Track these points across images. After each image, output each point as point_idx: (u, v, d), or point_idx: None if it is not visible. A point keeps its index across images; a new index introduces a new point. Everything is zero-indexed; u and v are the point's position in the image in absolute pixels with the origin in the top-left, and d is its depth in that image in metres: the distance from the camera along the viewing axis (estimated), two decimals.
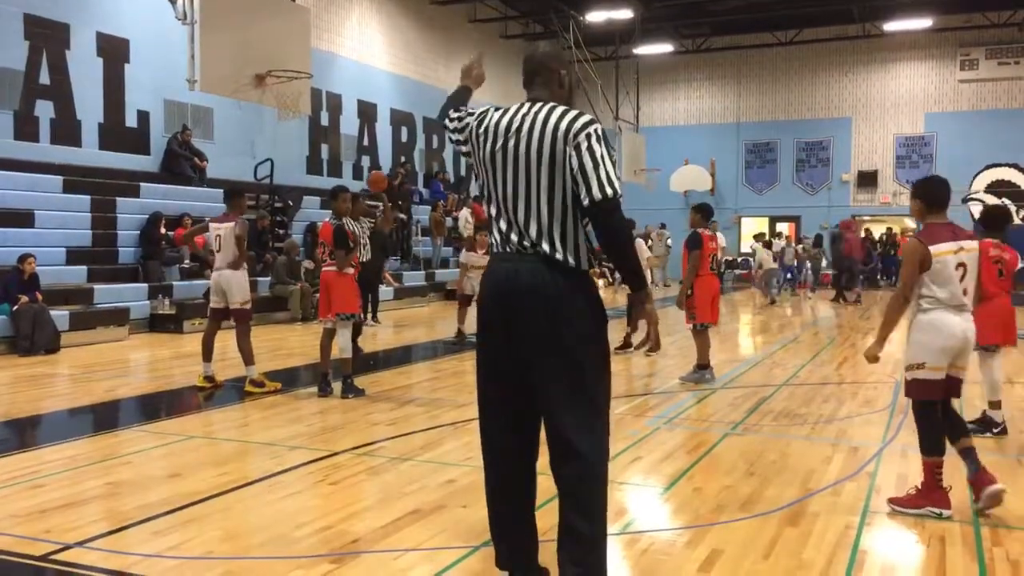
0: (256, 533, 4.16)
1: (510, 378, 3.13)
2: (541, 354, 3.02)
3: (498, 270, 3.12)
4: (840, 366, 10.04)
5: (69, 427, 6.90)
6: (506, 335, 3.08)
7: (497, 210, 3.14)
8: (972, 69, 26.67)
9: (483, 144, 3.17)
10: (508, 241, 3.10)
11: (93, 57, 14.84)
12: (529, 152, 3.04)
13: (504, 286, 3.07)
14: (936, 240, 4.42)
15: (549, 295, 3.00)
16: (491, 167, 3.13)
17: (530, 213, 3.06)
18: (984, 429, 6.29)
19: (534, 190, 3.04)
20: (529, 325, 3.02)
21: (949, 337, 4.41)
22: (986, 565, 3.81)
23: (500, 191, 3.12)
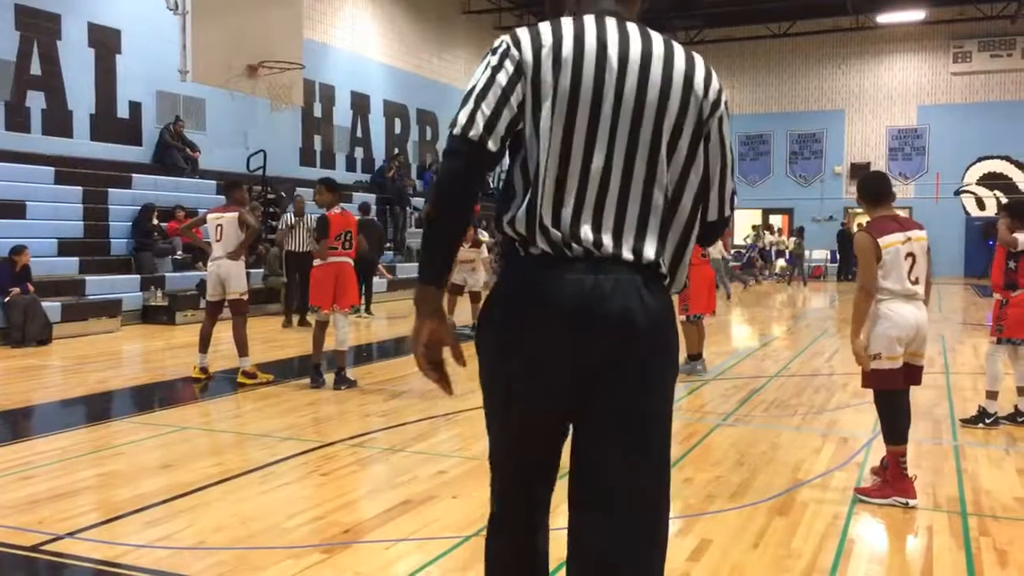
0: (248, 523, 4.17)
1: (548, 445, 2.09)
2: (628, 421, 1.96)
3: (555, 282, 1.91)
4: (831, 357, 10.08)
5: (61, 418, 6.90)
6: (571, 388, 1.95)
7: (559, 181, 1.93)
8: (965, 61, 26.72)
9: (560, 72, 1.92)
10: (574, 236, 1.93)
11: (84, 48, 14.77)
12: (651, 104, 1.95)
13: (575, 310, 1.89)
14: (884, 232, 4.53)
15: (657, 329, 1.96)
16: (578, 111, 1.92)
17: (631, 197, 1.96)
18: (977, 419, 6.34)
19: (646, 163, 1.96)
20: (625, 375, 1.93)
21: (901, 326, 4.50)
22: (973, 554, 3.84)
23: (583, 151, 1.93)
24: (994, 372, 6.35)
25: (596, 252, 1.94)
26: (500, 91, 1.93)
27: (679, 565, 3.65)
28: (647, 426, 1.99)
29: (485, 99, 1.93)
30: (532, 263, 1.96)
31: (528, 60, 1.94)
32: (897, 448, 4.54)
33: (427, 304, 1.95)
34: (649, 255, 1.99)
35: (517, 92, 1.94)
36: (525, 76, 1.94)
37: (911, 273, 4.55)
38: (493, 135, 1.92)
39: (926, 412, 6.75)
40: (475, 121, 1.91)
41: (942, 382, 8.26)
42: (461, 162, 1.92)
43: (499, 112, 1.93)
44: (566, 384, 1.96)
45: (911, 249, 4.54)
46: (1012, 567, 3.69)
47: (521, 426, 2.06)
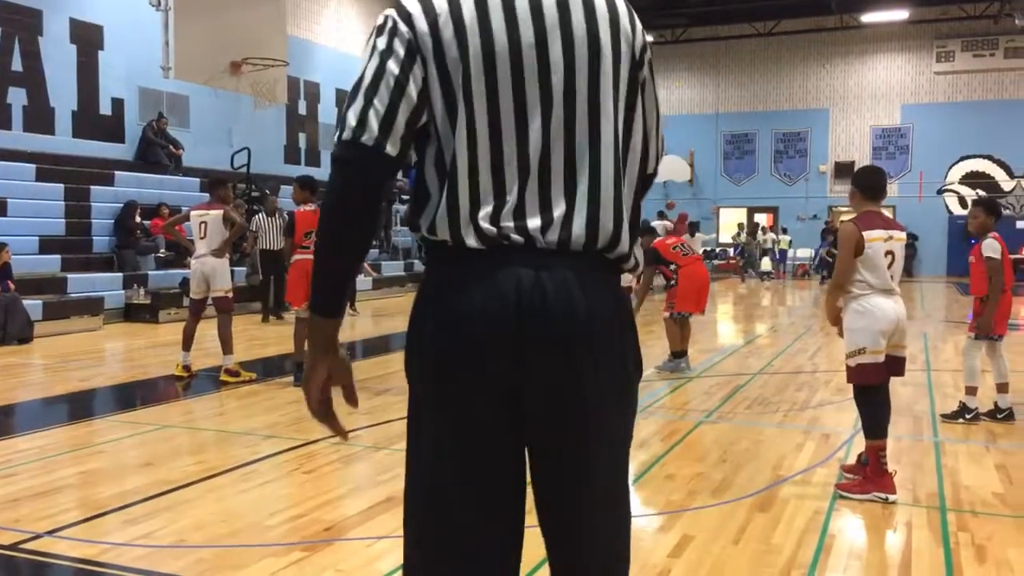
0: (229, 521, 4.15)
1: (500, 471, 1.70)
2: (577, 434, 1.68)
3: (492, 279, 1.62)
4: (814, 355, 10.13)
5: (42, 416, 6.85)
6: (506, 399, 1.64)
7: (492, 165, 1.64)
8: (948, 61, 26.90)
9: (466, 37, 1.62)
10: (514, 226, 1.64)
11: (66, 44, 14.67)
12: (581, 57, 1.66)
13: (510, 310, 1.60)
14: (869, 226, 4.61)
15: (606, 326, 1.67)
16: (498, 81, 1.63)
17: (579, 169, 1.67)
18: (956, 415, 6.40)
19: (588, 126, 1.67)
20: (564, 383, 1.64)
21: (882, 320, 4.56)
22: (951, 549, 3.87)
23: (514, 126, 1.64)
24: (971, 368, 6.41)
25: (541, 241, 1.64)
26: (393, 81, 1.61)
27: (660, 561, 3.66)
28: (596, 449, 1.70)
29: (377, 93, 1.61)
30: (460, 263, 1.65)
31: (423, 34, 1.61)
32: (877, 443, 4.57)
33: (323, 339, 1.67)
34: (607, 236, 1.68)
35: (415, 78, 1.62)
36: (423, 56, 1.62)
37: (889, 270, 4.62)
38: (391, 137, 1.61)
39: (907, 408, 6.80)
40: (367, 122, 1.60)
41: (923, 379, 8.31)
42: (354, 173, 1.62)
43: (395, 107, 1.61)
44: (505, 405, 1.64)
45: (891, 247, 4.62)
46: (990, 562, 3.72)
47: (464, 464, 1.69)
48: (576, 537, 1.74)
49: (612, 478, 1.75)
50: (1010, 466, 5.24)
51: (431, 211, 1.68)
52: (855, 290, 4.63)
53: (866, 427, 4.66)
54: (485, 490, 1.67)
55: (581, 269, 1.65)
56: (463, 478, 1.66)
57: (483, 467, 1.66)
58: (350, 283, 1.71)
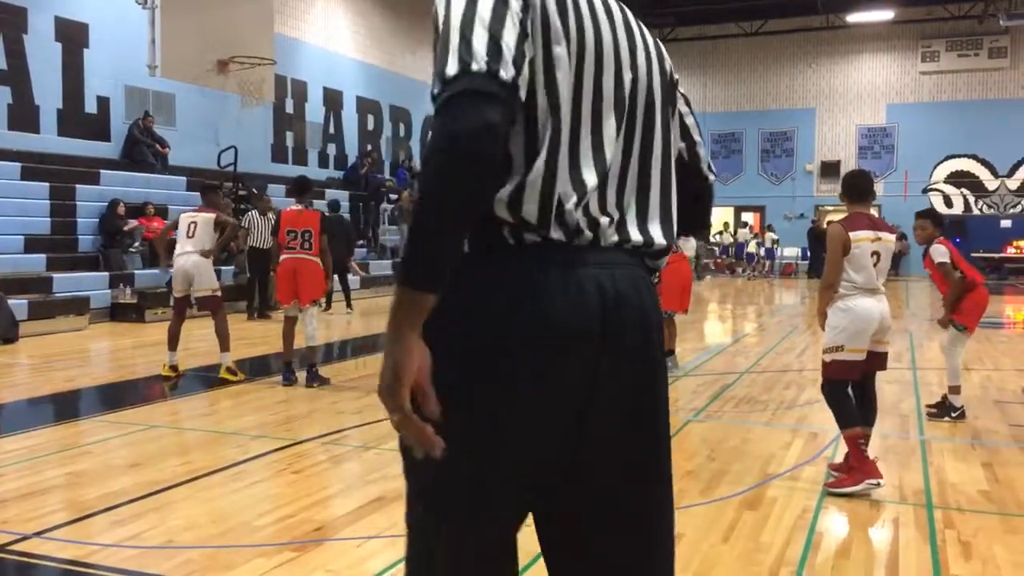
0: (218, 522, 4.14)
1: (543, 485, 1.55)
2: (643, 434, 1.59)
3: (573, 278, 1.47)
4: (801, 354, 10.18)
5: (29, 417, 6.80)
6: (583, 401, 1.49)
7: (572, 148, 1.50)
8: (933, 61, 27.07)
9: (568, 14, 1.50)
10: (589, 212, 1.51)
11: (51, 42, 14.57)
12: (642, 65, 1.63)
13: (593, 313, 1.47)
14: (856, 227, 4.72)
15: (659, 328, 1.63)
16: (585, 63, 1.51)
17: (652, 168, 1.64)
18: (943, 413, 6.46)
19: (659, 127, 1.65)
20: (639, 384, 1.56)
21: (865, 319, 4.67)
22: (938, 546, 3.90)
23: (591, 112, 1.52)
24: (954, 367, 6.47)
25: (607, 240, 1.53)
26: (517, 20, 1.40)
27: None
28: (664, 473, 1.64)
29: (504, 26, 1.37)
30: (534, 258, 1.45)
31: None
32: (854, 431, 4.65)
33: (420, 318, 1.33)
34: (661, 241, 1.63)
35: (530, 27, 1.43)
36: (534, 8, 1.45)
37: (875, 270, 4.71)
38: (522, 77, 1.38)
39: (893, 407, 6.85)
40: (502, 54, 1.34)
41: (909, 377, 8.37)
42: (485, 115, 1.30)
43: (522, 47, 1.39)
44: (568, 395, 1.48)
45: (878, 248, 4.71)
46: (976, 559, 3.75)
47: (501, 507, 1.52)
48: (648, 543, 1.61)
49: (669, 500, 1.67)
50: (996, 463, 5.28)
51: (513, 184, 1.44)
52: (841, 289, 4.74)
53: (838, 419, 4.76)
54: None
55: (639, 270, 1.59)
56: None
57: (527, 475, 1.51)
58: (458, 252, 1.37)
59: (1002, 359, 9.76)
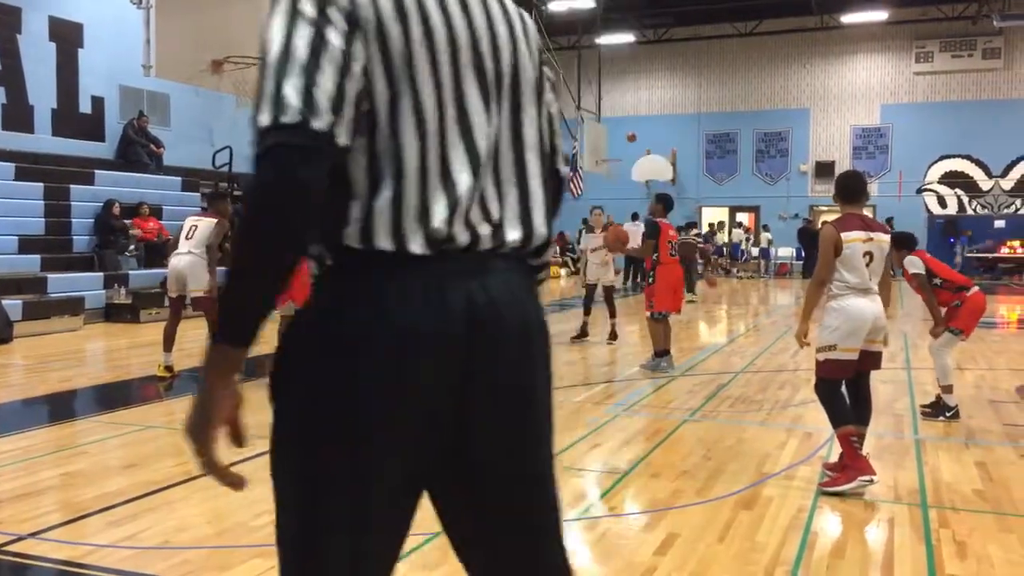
0: (214, 522, 4.14)
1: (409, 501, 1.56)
2: (525, 448, 1.58)
3: (439, 291, 1.44)
4: (796, 354, 10.18)
5: (23, 417, 6.79)
6: (454, 409, 1.48)
7: (441, 157, 1.46)
8: (927, 61, 27.11)
9: (408, 18, 1.44)
10: (455, 224, 1.46)
11: (46, 42, 14.55)
12: (504, 48, 1.57)
13: (461, 325, 1.44)
14: (847, 228, 4.75)
15: (542, 333, 1.59)
16: (432, 66, 1.46)
17: (526, 165, 1.59)
18: (937, 413, 6.48)
19: (525, 118, 1.60)
20: (517, 389, 1.53)
21: (857, 319, 4.71)
22: (933, 546, 3.91)
23: (450, 119, 1.48)
24: (943, 366, 6.50)
25: (484, 243, 1.49)
26: (340, 56, 1.34)
27: (646, 559, 3.68)
28: (545, 482, 1.63)
29: (320, 69, 1.32)
30: (397, 271, 1.42)
31: (365, 5, 1.39)
32: (847, 429, 4.67)
33: (230, 371, 1.42)
34: (540, 238, 1.60)
35: (356, 55, 1.37)
36: (365, 31, 1.38)
37: (868, 270, 4.74)
38: (342, 122, 1.33)
39: (887, 407, 6.87)
40: (315, 103, 1.29)
41: (903, 377, 8.39)
42: (299, 167, 1.29)
43: (343, 87, 1.33)
44: (436, 418, 1.48)
45: (870, 248, 4.74)
46: (971, 558, 3.76)
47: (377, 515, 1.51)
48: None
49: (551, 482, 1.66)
50: (989, 463, 5.30)
51: (361, 214, 1.41)
52: (834, 289, 4.78)
53: (831, 417, 4.78)
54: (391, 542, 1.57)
55: (520, 273, 1.56)
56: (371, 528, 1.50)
57: (390, 512, 1.52)
58: (270, 307, 1.40)
59: (996, 358, 9.79)
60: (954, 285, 6.48)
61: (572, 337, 10.86)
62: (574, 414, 6.63)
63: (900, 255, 6.38)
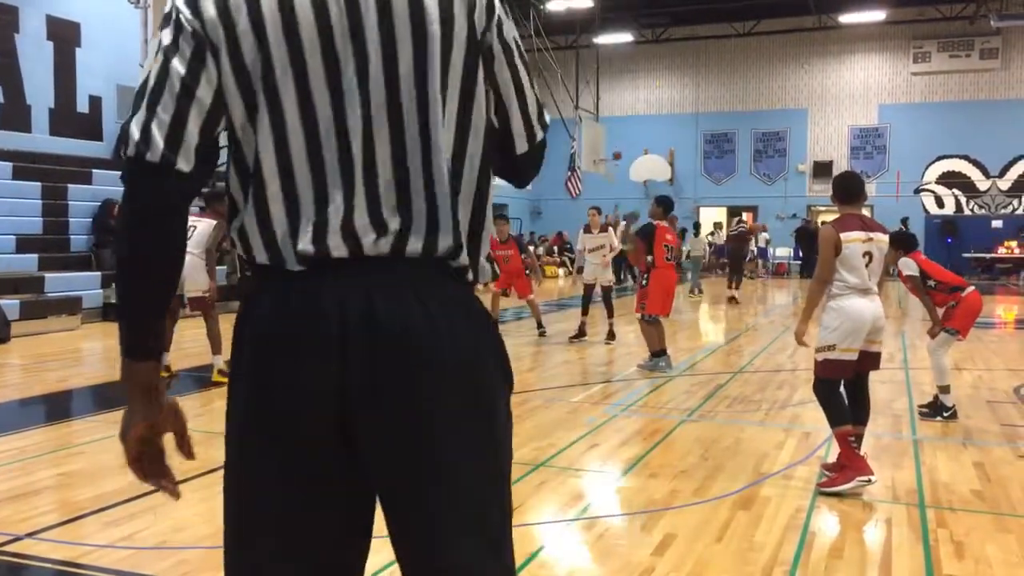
0: (211, 522, 4.13)
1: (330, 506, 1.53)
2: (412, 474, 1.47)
3: (313, 301, 1.42)
4: (794, 354, 10.19)
5: (20, 417, 6.78)
6: (335, 415, 1.44)
7: (309, 166, 1.43)
8: (925, 62, 27.15)
9: (264, 22, 1.40)
10: (335, 236, 1.43)
11: (43, 41, 14.53)
12: (404, 39, 1.44)
13: (334, 338, 1.41)
14: (847, 228, 4.76)
15: (437, 337, 1.44)
16: (295, 68, 1.41)
17: (409, 167, 1.46)
18: (934, 413, 6.49)
19: (417, 116, 1.45)
20: (401, 396, 1.44)
21: (857, 320, 4.72)
22: (931, 546, 3.92)
23: (331, 121, 1.43)
24: (940, 366, 6.51)
25: (370, 252, 1.43)
26: (179, 84, 1.39)
27: (644, 559, 3.68)
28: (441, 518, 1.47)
29: (160, 100, 1.39)
30: (278, 282, 1.45)
31: (212, 22, 1.38)
32: (843, 429, 4.69)
33: (137, 385, 1.46)
34: (447, 243, 1.46)
35: (207, 78, 1.39)
36: (214, 49, 1.39)
37: (867, 270, 4.75)
38: (182, 151, 1.39)
39: (886, 407, 6.87)
40: (151, 136, 1.38)
41: (901, 377, 8.40)
42: (143, 197, 1.39)
43: (183, 116, 1.39)
44: (337, 444, 1.45)
45: (870, 248, 4.75)
46: (968, 558, 3.76)
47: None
48: None
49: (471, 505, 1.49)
50: (987, 463, 5.31)
51: (242, 230, 1.46)
52: (835, 289, 4.79)
53: (829, 417, 4.80)
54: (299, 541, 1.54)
55: (418, 280, 1.44)
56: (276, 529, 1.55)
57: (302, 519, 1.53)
58: (157, 319, 1.47)
59: (993, 359, 9.80)
60: (948, 286, 6.49)
61: (570, 337, 10.87)
62: (572, 414, 6.63)
63: (896, 255, 6.39)
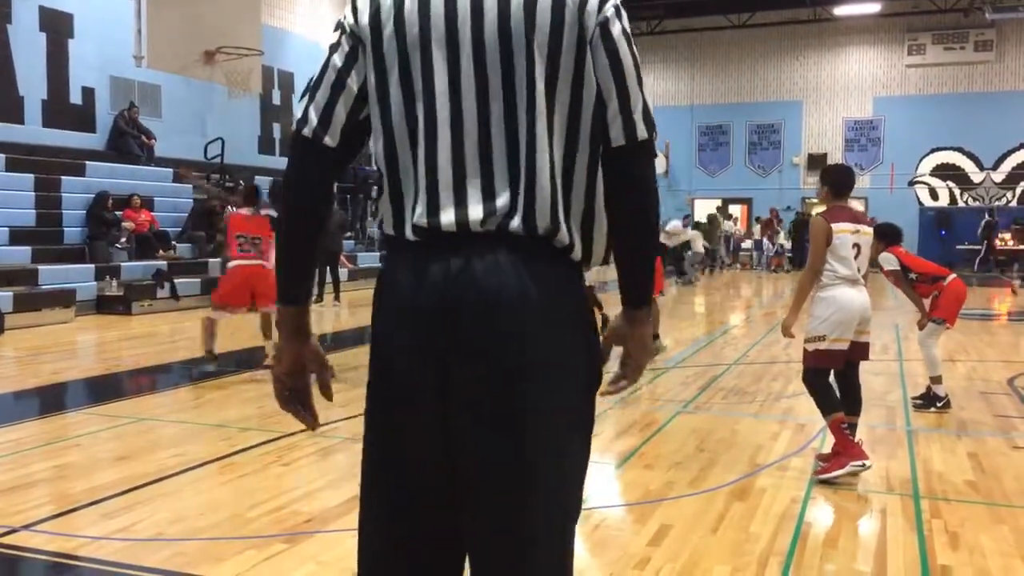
0: (207, 514, 4.13)
1: (430, 482, 1.62)
2: (499, 431, 1.54)
3: (421, 270, 1.57)
4: (788, 345, 10.20)
5: (14, 410, 6.76)
6: (436, 394, 1.55)
7: (411, 151, 1.61)
8: (919, 54, 27.15)
9: (404, 26, 1.61)
10: (439, 214, 1.58)
11: (36, 32, 14.44)
12: (517, 37, 1.56)
13: (436, 300, 1.53)
14: (838, 219, 4.84)
15: (533, 316, 1.53)
16: (424, 66, 1.60)
17: (501, 153, 1.57)
18: (928, 404, 6.51)
19: (519, 107, 1.57)
20: (489, 375, 1.52)
21: (847, 310, 4.79)
22: (925, 536, 3.93)
23: (432, 117, 1.59)
24: (931, 357, 6.54)
25: (474, 227, 1.57)
26: (335, 75, 1.66)
27: (640, 551, 3.69)
28: (520, 485, 1.55)
29: (320, 87, 1.67)
30: (400, 253, 1.64)
31: (364, 25, 1.65)
32: (835, 416, 4.74)
33: (284, 326, 1.71)
34: (545, 224, 1.57)
35: (357, 70, 1.66)
36: (364, 47, 1.65)
37: (856, 261, 4.85)
38: (331, 129, 1.65)
39: (880, 398, 6.89)
40: (308, 115, 1.66)
41: (895, 369, 8.42)
42: (295, 165, 1.69)
43: (334, 101, 1.66)
44: (422, 387, 1.56)
45: (858, 240, 4.85)
46: (963, 549, 3.78)
47: (396, 486, 1.66)
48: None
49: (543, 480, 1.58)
50: (981, 454, 5.33)
51: (381, 203, 1.73)
52: (824, 280, 4.86)
53: (820, 405, 4.85)
54: (404, 489, 1.65)
55: (518, 256, 1.55)
56: (384, 474, 1.67)
57: (404, 471, 1.64)
58: (303, 271, 1.73)
59: (987, 350, 9.84)
60: (930, 276, 6.52)
61: None
62: None
63: (879, 247, 6.40)
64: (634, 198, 1.63)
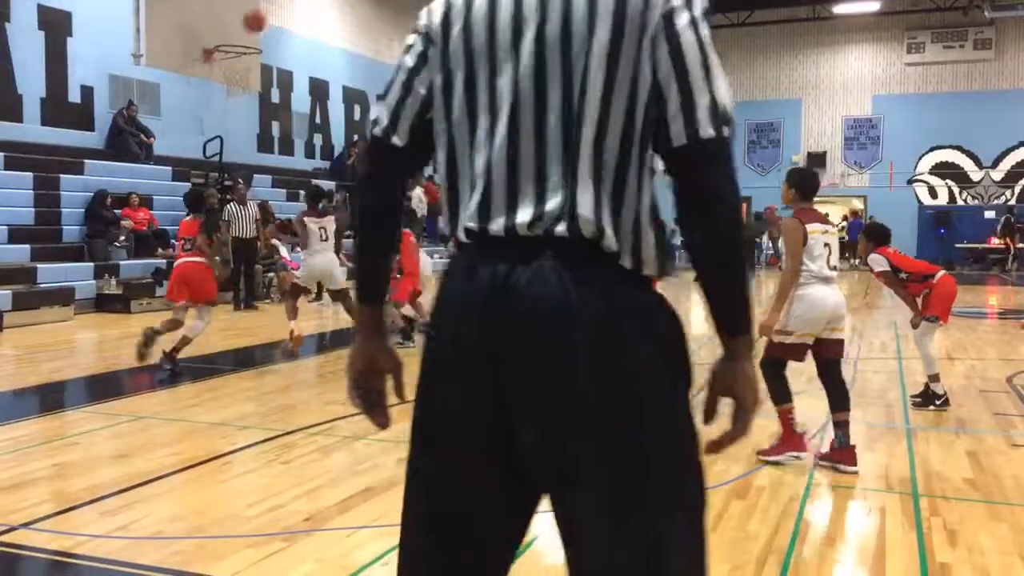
0: (206, 512, 4.14)
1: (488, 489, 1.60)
2: (571, 438, 1.49)
3: (471, 273, 1.54)
4: None
5: (13, 408, 6.76)
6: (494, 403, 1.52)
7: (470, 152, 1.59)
8: (918, 52, 27.16)
9: (471, 28, 1.59)
10: (489, 218, 1.55)
11: (34, 30, 14.42)
12: (569, 36, 1.51)
13: (488, 310, 1.50)
14: (810, 220, 5.03)
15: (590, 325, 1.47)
16: (490, 69, 1.57)
17: (556, 159, 1.52)
18: (927, 402, 6.52)
19: (576, 113, 1.51)
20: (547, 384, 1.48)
21: (820, 308, 4.96)
22: (924, 534, 3.94)
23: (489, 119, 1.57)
24: (928, 356, 6.54)
25: (521, 231, 1.52)
26: (405, 76, 1.67)
27: None
28: (609, 487, 1.52)
29: (391, 87, 1.70)
30: (457, 256, 1.63)
31: (436, 28, 1.64)
32: (786, 407, 5.01)
33: (361, 323, 1.76)
34: (590, 228, 1.50)
35: (426, 72, 1.65)
36: (434, 49, 1.64)
37: (828, 260, 5.01)
38: (399, 129, 1.66)
39: (879, 396, 6.90)
40: (380, 115, 1.69)
41: (894, 367, 8.42)
42: (367, 165, 1.73)
43: (403, 101, 1.66)
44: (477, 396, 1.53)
45: (828, 240, 5.03)
46: (961, 546, 3.79)
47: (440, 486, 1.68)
48: None
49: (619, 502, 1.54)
50: (980, 452, 5.33)
51: (442, 204, 1.70)
52: (800, 279, 5.00)
53: (772, 394, 5.03)
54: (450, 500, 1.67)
55: (565, 261, 1.49)
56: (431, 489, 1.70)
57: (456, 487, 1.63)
58: (374, 269, 1.76)
59: (986, 348, 9.84)
60: (920, 275, 6.53)
61: None
62: None
63: (868, 248, 6.46)
64: (703, 214, 1.54)
